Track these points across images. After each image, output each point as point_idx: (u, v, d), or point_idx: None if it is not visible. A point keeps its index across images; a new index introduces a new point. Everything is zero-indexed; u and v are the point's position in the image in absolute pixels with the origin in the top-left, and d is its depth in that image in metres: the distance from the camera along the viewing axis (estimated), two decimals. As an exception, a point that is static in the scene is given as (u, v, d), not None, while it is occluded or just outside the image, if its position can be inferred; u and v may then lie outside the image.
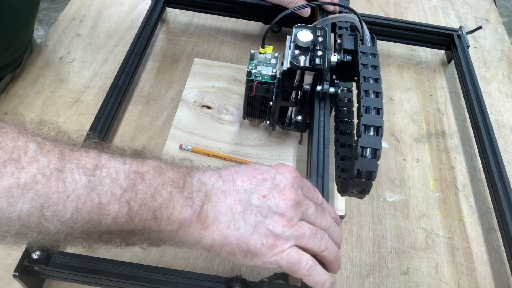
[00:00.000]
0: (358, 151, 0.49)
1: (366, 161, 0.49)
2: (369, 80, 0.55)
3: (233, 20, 0.94)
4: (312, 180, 0.56)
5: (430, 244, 0.65)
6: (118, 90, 0.70)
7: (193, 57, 0.85)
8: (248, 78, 0.62)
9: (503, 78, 0.92)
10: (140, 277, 0.50)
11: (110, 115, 0.66)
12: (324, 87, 0.62)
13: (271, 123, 0.70)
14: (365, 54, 0.59)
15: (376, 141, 0.50)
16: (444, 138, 0.79)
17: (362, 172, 0.50)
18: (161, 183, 0.38)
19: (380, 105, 0.52)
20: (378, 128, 0.51)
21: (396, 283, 0.61)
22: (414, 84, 0.88)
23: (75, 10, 0.92)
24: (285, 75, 0.61)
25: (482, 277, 0.63)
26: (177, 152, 0.69)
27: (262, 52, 0.63)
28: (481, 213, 0.70)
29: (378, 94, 0.54)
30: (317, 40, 0.61)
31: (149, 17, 0.82)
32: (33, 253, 0.51)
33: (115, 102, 0.68)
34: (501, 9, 2.61)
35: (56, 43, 0.85)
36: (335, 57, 0.61)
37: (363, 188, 0.52)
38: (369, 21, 0.87)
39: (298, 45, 0.60)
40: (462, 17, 1.05)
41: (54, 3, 2.16)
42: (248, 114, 0.70)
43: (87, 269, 0.51)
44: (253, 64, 0.63)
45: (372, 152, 0.50)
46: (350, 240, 0.64)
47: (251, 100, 0.66)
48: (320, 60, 0.59)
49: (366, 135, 0.50)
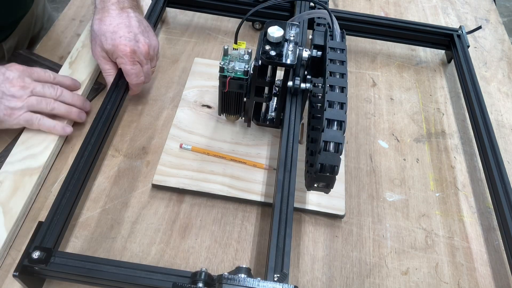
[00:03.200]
0: (321, 145, 0.50)
1: (329, 155, 0.50)
2: (335, 75, 0.55)
3: (233, 20, 0.94)
4: (279, 175, 0.57)
5: (430, 244, 0.65)
6: (118, 89, 0.70)
7: (193, 57, 0.85)
8: (221, 74, 0.62)
9: (503, 78, 0.92)
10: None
11: (110, 115, 0.67)
12: (296, 83, 0.62)
13: (246, 119, 0.71)
14: (333, 49, 0.59)
15: (338, 136, 0.50)
16: (444, 138, 0.79)
17: (325, 166, 0.50)
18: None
19: (344, 100, 0.53)
20: (341, 122, 0.51)
21: (396, 283, 0.61)
22: (414, 84, 0.88)
23: (75, 10, 0.92)
24: (256, 70, 0.61)
25: (482, 277, 0.63)
26: (177, 152, 0.69)
27: (235, 48, 0.63)
28: (481, 213, 0.70)
29: (343, 89, 0.54)
30: (289, 36, 0.61)
31: (149, 17, 0.82)
32: (33, 253, 0.51)
33: (115, 102, 0.68)
34: (501, 9, 2.61)
35: (56, 43, 0.85)
36: (306, 52, 0.61)
37: (327, 182, 0.53)
38: (369, 21, 0.87)
39: (269, 40, 0.60)
40: (462, 17, 1.05)
41: (54, 3, 2.16)
42: (223, 110, 0.70)
43: (86, 269, 0.51)
44: (226, 60, 0.62)
45: (335, 147, 0.50)
46: (350, 240, 0.64)
47: (226, 96, 0.66)
48: (291, 55, 0.59)
49: (329, 130, 0.51)
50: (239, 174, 0.68)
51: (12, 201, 0.60)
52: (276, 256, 0.51)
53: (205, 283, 0.48)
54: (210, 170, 0.67)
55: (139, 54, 0.69)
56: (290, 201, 0.55)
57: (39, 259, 0.51)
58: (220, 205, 0.66)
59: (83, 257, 0.53)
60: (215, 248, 0.61)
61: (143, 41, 0.69)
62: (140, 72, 0.70)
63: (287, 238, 0.52)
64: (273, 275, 0.49)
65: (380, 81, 0.87)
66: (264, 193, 0.66)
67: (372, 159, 0.74)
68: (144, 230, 0.62)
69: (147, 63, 0.71)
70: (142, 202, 0.65)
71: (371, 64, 0.90)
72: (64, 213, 0.56)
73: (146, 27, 0.72)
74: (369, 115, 0.81)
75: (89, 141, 0.63)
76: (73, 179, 0.59)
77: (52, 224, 0.55)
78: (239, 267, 0.48)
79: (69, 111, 0.68)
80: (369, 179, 0.71)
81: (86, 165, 0.60)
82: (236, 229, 0.63)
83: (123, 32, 0.68)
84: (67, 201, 0.56)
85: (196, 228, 0.63)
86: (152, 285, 0.51)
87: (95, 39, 0.70)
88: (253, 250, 0.62)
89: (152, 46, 0.71)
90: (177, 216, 0.64)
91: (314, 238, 0.64)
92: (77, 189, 0.58)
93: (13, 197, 0.60)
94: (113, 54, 0.68)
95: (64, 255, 0.52)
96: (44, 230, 0.54)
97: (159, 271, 0.52)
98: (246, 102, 0.67)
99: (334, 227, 0.65)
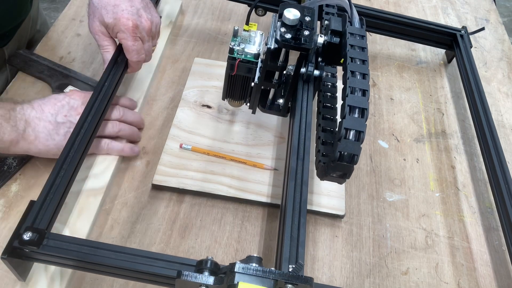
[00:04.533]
0: (342, 133, 0.48)
1: (349, 143, 0.48)
2: (356, 61, 0.54)
3: (233, 21, 0.94)
4: (292, 163, 0.54)
5: (430, 244, 0.65)
6: (117, 66, 0.68)
7: (193, 57, 0.85)
8: (230, 55, 0.59)
9: (503, 78, 0.92)
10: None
11: (109, 92, 0.64)
12: (309, 69, 0.60)
13: (251, 105, 0.67)
14: (353, 35, 0.57)
15: (360, 123, 0.48)
16: (444, 138, 0.79)
17: (345, 155, 0.48)
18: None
19: (366, 87, 0.51)
20: (364, 110, 0.49)
21: (396, 283, 0.61)
22: (414, 84, 0.88)
23: (75, 10, 0.92)
24: (269, 54, 0.58)
25: (482, 277, 0.63)
26: (177, 152, 0.69)
27: (246, 29, 0.60)
28: (481, 213, 0.70)
29: (365, 76, 0.52)
30: (304, 20, 0.59)
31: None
32: (24, 234, 0.47)
33: (113, 79, 0.66)
34: (501, 9, 2.61)
35: (56, 43, 0.85)
36: (321, 38, 0.59)
37: (345, 171, 0.51)
38: (371, 15, 0.86)
39: (284, 23, 0.57)
40: (462, 17, 1.05)
41: (54, 3, 2.16)
42: (228, 95, 0.66)
43: (83, 253, 0.47)
44: (236, 42, 0.59)
45: (356, 135, 0.48)
46: (350, 240, 0.64)
47: (232, 80, 0.62)
48: (307, 39, 0.57)
49: (351, 117, 0.48)
50: (239, 174, 0.68)
51: (79, 223, 0.59)
52: (290, 246, 0.48)
53: (211, 271, 0.44)
54: (210, 170, 0.67)
55: (141, 30, 0.66)
56: (304, 190, 0.53)
57: (30, 240, 0.46)
58: (220, 205, 0.66)
59: (80, 240, 0.49)
60: (215, 248, 0.61)
61: (145, 16, 0.66)
62: (142, 49, 0.67)
63: (301, 228, 0.49)
64: (288, 266, 0.46)
65: (380, 81, 0.87)
66: (265, 193, 0.66)
67: (372, 159, 0.74)
68: (144, 230, 0.62)
69: (148, 40, 0.68)
70: (142, 202, 0.65)
71: (371, 64, 0.90)
72: (58, 193, 0.52)
73: (148, 3, 0.69)
74: (369, 115, 0.81)
75: (85, 119, 0.60)
76: (68, 157, 0.56)
77: (45, 203, 0.51)
78: (250, 256, 0.44)
79: (133, 132, 0.68)
80: (369, 179, 0.71)
81: (82, 143, 0.57)
82: (236, 229, 0.63)
83: (125, 5, 0.65)
84: (62, 180, 0.53)
85: (196, 228, 0.63)
86: (155, 272, 0.47)
87: (94, 12, 0.66)
88: (254, 250, 0.61)
89: (155, 23, 0.69)
90: (177, 216, 0.64)
91: (314, 238, 0.64)
92: (72, 168, 0.55)
93: (79, 219, 0.59)
94: (114, 28, 0.65)
95: (58, 237, 0.48)
96: (36, 210, 0.50)
97: (163, 259, 0.48)
98: (254, 87, 0.63)
99: (334, 227, 0.65)
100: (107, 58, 0.68)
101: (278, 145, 0.72)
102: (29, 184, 0.64)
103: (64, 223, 0.59)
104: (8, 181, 0.63)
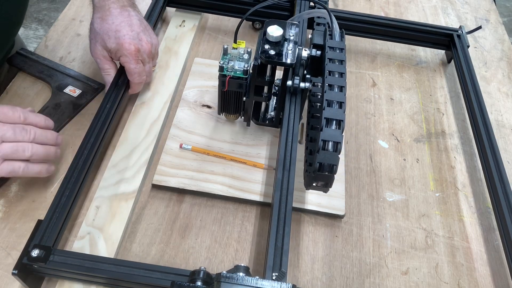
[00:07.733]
0: (320, 145, 0.50)
1: (327, 154, 0.50)
2: (334, 74, 0.56)
3: (233, 20, 0.94)
4: (278, 174, 0.57)
5: (430, 244, 0.65)
6: (118, 89, 0.70)
7: (193, 57, 0.85)
8: (220, 73, 0.62)
9: (503, 78, 0.92)
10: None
11: (110, 114, 0.67)
12: (295, 82, 0.63)
13: (245, 118, 0.71)
14: (332, 48, 0.59)
15: (337, 135, 0.51)
16: (444, 138, 0.79)
17: (324, 165, 0.51)
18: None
19: (342, 99, 0.53)
20: (340, 121, 0.51)
21: (396, 283, 0.61)
22: (414, 84, 0.88)
23: (75, 10, 0.92)
24: (256, 70, 0.61)
25: (482, 277, 0.63)
26: (177, 152, 0.69)
27: (235, 47, 0.63)
28: (481, 213, 0.70)
29: (341, 88, 0.54)
30: (288, 35, 0.61)
31: (149, 16, 0.82)
32: (32, 251, 0.51)
33: (114, 101, 0.68)
34: (501, 9, 2.61)
35: (56, 43, 0.85)
36: (305, 52, 0.62)
37: (326, 181, 0.53)
38: (369, 21, 0.87)
39: (268, 39, 0.60)
40: (462, 17, 1.05)
41: (54, 3, 2.16)
42: (223, 110, 0.70)
43: (85, 267, 0.51)
44: (226, 59, 0.63)
45: (334, 146, 0.50)
46: (350, 240, 0.64)
47: (225, 96, 0.66)
48: (290, 55, 0.60)
49: (328, 129, 0.51)
50: (239, 174, 0.68)
51: (112, 227, 0.59)
52: (274, 255, 0.51)
53: (203, 281, 0.48)
54: (210, 170, 0.67)
55: (142, 53, 0.69)
56: (289, 200, 0.56)
57: (38, 257, 0.51)
58: (220, 205, 0.66)
59: (82, 255, 0.53)
60: (215, 248, 0.61)
61: (145, 39, 0.69)
62: (143, 71, 0.70)
63: (286, 237, 0.53)
64: (271, 274, 0.49)
65: (380, 81, 0.87)
66: (264, 193, 0.66)
67: (372, 159, 0.74)
68: (144, 230, 0.62)
69: (148, 62, 0.71)
70: (142, 202, 0.65)
71: (371, 64, 0.90)
72: (64, 212, 0.56)
73: (146, 26, 0.72)
74: (369, 115, 0.81)
75: (88, 140, 0.63)
76: (73, 177, 0.59)
77: (51, 222, 0.55)
78: (238, 266, 0.49)
79: (47, 153, 0.60)
80: (369, 179, 0.71)
81: (85, 163, 0.60)
82: (236, 229, 0.63)
83: (126, 31, 0.68)
84: (67, 200, 0.57)
85: (196, 228, 0.63)
86: (151, 283, 0.51)
87: (95, 37, 0.69)
88: (253, 250, 0.62)
89: (154, 44, 0.72)
90: (177, 216, 0.64)
91: (314, 238, 0.64)
92: (76, 187, 0.58)
93: (112, 223, 0.60)
94: (117, 53, 0.68)
95: (63, 253, 0.53)
96: (43, 229, 0.54)
97: (158, 270, 0.52)
98: (246, 102, 0.67)
99: (334, 227, 0.65)
100: (108, 80, 0.71)
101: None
102: (29, 184, 0.64)
103: (100, 229, 0.59)
104: (8, 181, 0.64)
